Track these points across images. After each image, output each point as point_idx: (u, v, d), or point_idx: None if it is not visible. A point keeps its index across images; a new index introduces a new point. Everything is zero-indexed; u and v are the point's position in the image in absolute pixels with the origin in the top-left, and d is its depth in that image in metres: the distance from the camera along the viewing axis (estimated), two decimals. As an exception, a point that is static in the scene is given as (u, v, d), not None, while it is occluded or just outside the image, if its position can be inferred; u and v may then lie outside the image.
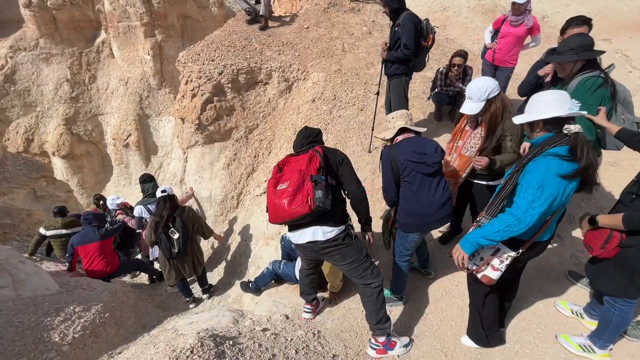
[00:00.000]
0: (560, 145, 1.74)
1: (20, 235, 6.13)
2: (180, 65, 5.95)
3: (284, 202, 2.00)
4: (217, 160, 5.96)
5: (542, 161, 1.75)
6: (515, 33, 4.27)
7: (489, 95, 2.29)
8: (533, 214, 1.74)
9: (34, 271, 3.42)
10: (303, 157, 2.15)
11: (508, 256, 1.93)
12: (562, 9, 14.63)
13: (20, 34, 15.03)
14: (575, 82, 2.39)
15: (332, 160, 2.21)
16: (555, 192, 1.73)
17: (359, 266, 2.22)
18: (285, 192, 2.02)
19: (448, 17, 12.76)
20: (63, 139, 14.89)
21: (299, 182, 2.00)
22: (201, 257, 4.29)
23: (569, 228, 3.51)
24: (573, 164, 1.72)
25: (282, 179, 2.12)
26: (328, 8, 7.48)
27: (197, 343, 1.91)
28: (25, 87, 15.08)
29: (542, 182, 1.73)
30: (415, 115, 5.10)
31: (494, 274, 1.99)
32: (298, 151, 2.30)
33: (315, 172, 2.03)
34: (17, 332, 2.52)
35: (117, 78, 15.73)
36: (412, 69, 3.93)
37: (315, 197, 1.95)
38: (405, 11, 3.68)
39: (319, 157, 2.10)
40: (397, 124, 2.49)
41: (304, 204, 1.96)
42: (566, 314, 2.65)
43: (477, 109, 2.34)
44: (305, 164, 2.08)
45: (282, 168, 2.19)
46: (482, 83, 2.31)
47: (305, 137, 2.35)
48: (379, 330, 2.27)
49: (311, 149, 2.18)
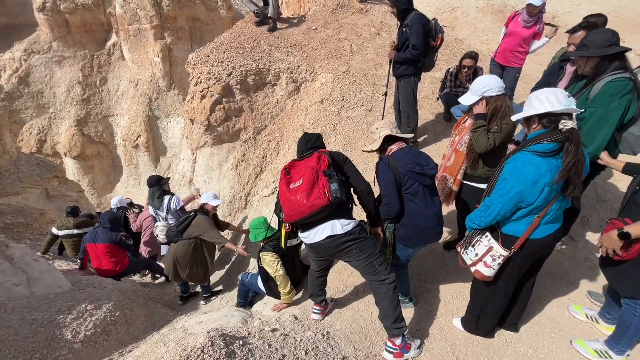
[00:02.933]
0: (544, 142, 1.78)
1: (33, 234, 6.25)
2: (190, 67, 6.02)
3: (301, 197, 2.03)
4: (225, 160, 6.00)
5: (517, 155, 1.85)
6: (522, 33, 4.20)
7: (485, 92, 2.32)
8: (496, 204, 1.88)
9: (47, 269, 3.48)
10: (310, 158, 2.19)
11: (500, 255, 1.98)
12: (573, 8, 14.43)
13: (34, 37, 15.40)
14: (602, 83, 2.24)
15: (337, 159, 2.26)
16: (518, 185, 1.80)
17: (374, 261, 2.22)
18: (300, 188, 2.05)
19: (456, 17, 12.68)
20: (75, 140, 15.19)
21: (313, 178, 2.04)
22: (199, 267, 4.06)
23: (583, 231, 3.44)
24: (549, 160, 1.76)
25: (293, 178, 2.15)
26: (336, 9, 7.49)
27: (207, 342, 1.92)
28: (38, 89, 15.44)
29: (507, 175, 1.85)
30: (424, 116, 5.07)
31: (487, 271, 2.05)
32: (301, 156, 2.33)
33: (326, 167, 2.09)
34: (31, 329, 2.56)
35: (127, 80, 15.99)
36: (421, 70, 3.91)
37: (332, 189, 2.01)
38: (413, 11, 3.66)
39: (326, 156, 2.16)
40: (382, 134, 2.39)
41: (322, 196, 2.00)
42: (580, 318, 2.59)
43: (469, 101, 2.42)
44: (315, 161, 2.13)
45: (289, 171, 2.21)
46: (483, 79, 2.38)
47: (305, 142, 2.38)
48: (396, 330, 2.22)
49: (315, 152, 2.23)
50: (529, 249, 1.99)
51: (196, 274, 4.06)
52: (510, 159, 1.88)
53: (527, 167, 1.78)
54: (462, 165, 2.60)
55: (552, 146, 1.76)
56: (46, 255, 5.15)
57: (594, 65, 2.27)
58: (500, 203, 1.86)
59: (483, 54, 6.68)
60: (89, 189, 15.56)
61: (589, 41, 2.25)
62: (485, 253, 2.01)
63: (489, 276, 2.06)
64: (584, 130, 2.30)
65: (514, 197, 1.82)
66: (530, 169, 1.77)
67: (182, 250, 3.89)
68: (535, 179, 1.77)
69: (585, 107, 2.29)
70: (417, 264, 3.26)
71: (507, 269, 2.06)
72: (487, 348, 2.39)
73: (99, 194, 15.97)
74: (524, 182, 1.79)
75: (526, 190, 1.80)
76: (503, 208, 1.87)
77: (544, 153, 1.77)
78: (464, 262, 2.16)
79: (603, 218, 3.53)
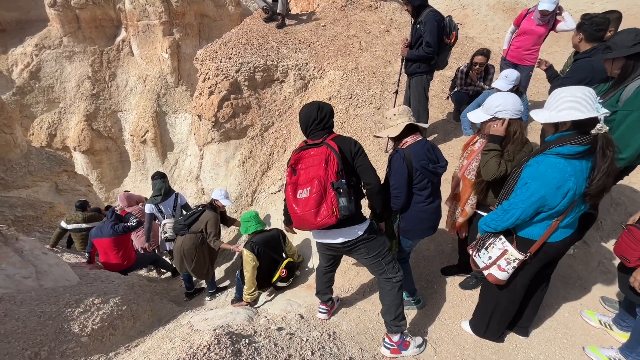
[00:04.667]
0: (570, 144, 1.68)
1: (42, 227, 6.32)
2: (198, 63, 6.01)
3: (308, 214, 1.93)
4: (232, 157, 6.00)
5: (539, 157, 1.75)
6: (538, 31, 4.11)
7: (497, 112, 2.09)
8: (516, 208, 1.80)
9: (56, 262, 3.50)
10: (317, 156, 1.96)
11: (515, 258, 1.92)
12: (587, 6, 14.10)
13: (45, 32, 15.56)
14: (636, 84, 2.13)
15: (348, 153, 2.04)
16: (542, 190, 1.72)
17: (382, 260, 2.21)
18: (308, 203, 1.92)
19: (467, 15, 12.51)
20: (84, 135, 15.36)
21: (320, 192, 1.89)
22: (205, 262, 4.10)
23: (596, 235, 3.36)
24: (573, 163, 1.68)
25: (299, 183, 1.99)
26: (345, 6, 7.42)
27: (213, 340, 1.90)
28: (49, 84, 15.62)
29: (529, 179, 1.75)
30: (433, 115, 5.00)
31: (501, 275, 1.99)
32: (309, 144, 2.07)
33: (335, 177, 1.91)
34: (39, 322, 2.58)
35: (135, 76, 16.10)
36: (434, 68, 3.84)
37: (340, 205, 1.90)
38: (428, 8, 3.59)
39: (336, 159, 1.93)
40: (400, 121, 2.28)
41: (330, 216, 1.90)
42: (593, 324, 2.53)
43: (479, 119, 2.20)
44: (322, 168, 1.91)
45: (295, 169, 2.03)
46: (500, 97, 2.10)
47: (318, 119, 2.09)
48: (395, 327, 2.24)
49: (324, 145, 1.98)
50: (545, 252, 1.94)
51: (201, 268, 4.08)
52: (531, 162, 1.79)
53: (552, 171, 1.70)
54: (470, 195, 2.38)
55: (582, 149, 1.67)
56: (55, 249, 5.21)
57: (621, 66, 2.18)
58: (521, 208, 1.79)
59: (494, 52, 6.56)
60: (97, 183, 15.74)
61: (613, 43, 2.18)
62: (499, 256, 1.95)
63: (503, 280, 2.00)
64: (616, 134, 2.18)
65: (536, 201, 1.75)
66: (555, 173, 1.69)
67: (188, 243, 3.92)
68: (559, 183, 1.70)
69: (616, 109, 2.19)
70: (425, 265, 3.22)
71: (521, 273, 2.01)
72: (497, 352, 2.34)
73: (107, 189, 16.14)
74: (547, 186, 1.71)
75: (549, 195, 1.72)
76: (524, 213, 1.80)
77: (571, 155, 1.68)
78: (477, 265, 2.10)
79: (617, 222, 3.45)
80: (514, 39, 4.34)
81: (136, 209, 5.19)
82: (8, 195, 7.08)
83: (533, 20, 4.13)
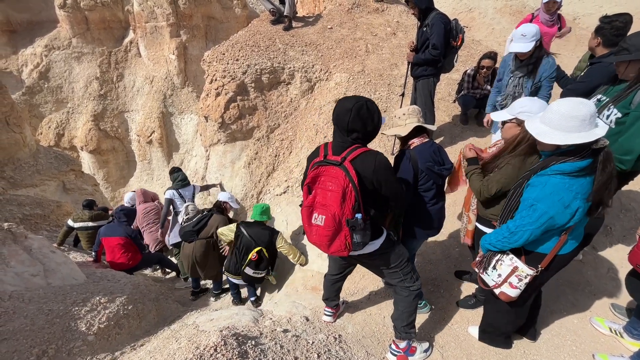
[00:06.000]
0: (572, 160, 1.62)
1: (50, 226, 6.39)
2: (206, 65, 6.05)
3: (320, 243, 1.90)
4: (238, 158, 6.02)
5: (542, 178, 1.68)
6: (550, 32, 4.12)
7: (520, 113, 2.03)
8: (524, 231, 1.74)
9: (63, 261, 3.53)
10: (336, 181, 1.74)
11: (527, 274, 1.87)
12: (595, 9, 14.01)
13: (55, 33, 15.77)
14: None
15: (368, 175, 1.79)
16: (550, 211, 1.66)
17: (399, 271, 2.15)
18: (321, 233, 1.84)
19: (473, 18, 12.47)
20: (91, 135, 15.51)
21: (334, 228, 1.79)
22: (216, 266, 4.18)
23: (606, 240, 3.31)
24: (579, 180, 1.62)
25: (315, 206, 1.85)
26: (352, 9, 7.43)
27: (220, 341, 1.90)
28: (57, 84, 15.82)
29: (535, 200, 1.69)
30: (440, 118, 4.98)
31: (513, 292, 1.94)
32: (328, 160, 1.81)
33: (351, 213, 1.75)
34: (47, 320, 2.60)
35: (142, 77, 16.24)
36: (440, 71, 3.84)
37: (354, 241, 1.83)
38: (434, 11, 3.60)
39: (353, 193, 1.72)
40: (409, 122, 2.24)
41: (342, 250, 1.85)
42: (603, 331, 2.49)
43: (500, 117, 2.17)
44: (338, 203, 1.73)
45: (312, 188, 1.85)
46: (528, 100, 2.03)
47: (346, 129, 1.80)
48: (405, 334, 2.21)
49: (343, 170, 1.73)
50: (557, 264, 1.90)
51: (213, 272, 4.12)
52: (534, 182, 1.71)
53: (559, 191, 1.63)
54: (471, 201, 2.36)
55: (584, 164, 1.61)
56: (62, 247, 5.26)
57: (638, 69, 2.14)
58: (529, 230, 1.72)
59: (501, 55, 6.53)
60: (104, 182, 15.87)
61: (629, 44, 2.14)
62: (510, 274, 1.88)
63: (515, 297, 1.95)
64: (625, 136, 2.14)
65: (544, 222, 1.69)
66: (562, 193, 1.63)
67: (200, 250, 3.93)
68: (567, 203, 1.64)
69: (628, 111, 2.16)
70: (431, 269, 3.20)
71: (530, 286, 1.96)
72: (504, 359, 2.32)
73: (113, 188, 16.27)
74: (555, 207, 1.64)
75: (558, 215, 1.66)
76: (532, 234, 1.74)
77: (575, 173, 1.62)
78: (485, 284, 2.03)
79: (627, 228, 3.40)
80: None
81: (152, 205, 5.25)
82: (16, 194, 7.17)
83: (541, 23, 4.12)
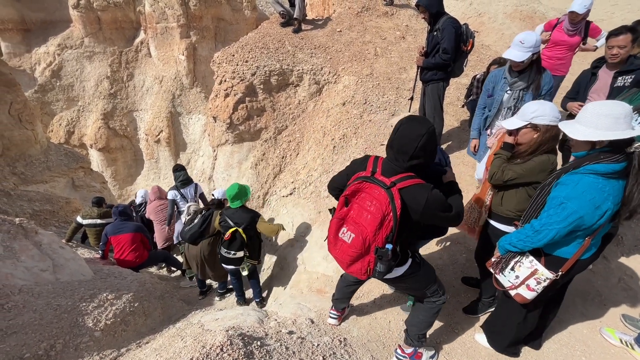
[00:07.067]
0: (606, 162, 1.61)
1: (58, 222, 6.48)
2: (215, 66, 6.11)
3: (341, 260, 1.82)
4: (245, 159, 6.05)
5: (575, 176, 1.67)
6: (570, 42, 4.06)
7: (534, 118, 2.00)
8: (550, 229, 1.70)
9: (72, 257, 3.58)
10: (377, 204, 1.63)
11: (546, 278, 1.84)
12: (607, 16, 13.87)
13: (68, 33, 16.07)
14: None
15: (415, 212, 1.67)
16: (580, 211, 1.63)
17: (426, 290, 2.09)
18: (344, 250, 1.76)
19: (483, 22, 12.42)
20: (100, 133, 15.74)
21: (361, 251, 1.70)
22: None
23: (617, 250, 3.26)
24: (611, 182, 1.61)
25: (346, 219, 1.76)
26: (361, 12, 7.45)
27: (226, 341, 1.91)
28: (69, 82, 16.09)
29: (566, 199, 1.66)
30: (448, 123, 4.95)
31: (529, 294, 1.91)
32: (375, 178, 1.69)
33: (382, 242, 1.66)
34: (55, 315, 2.63)
35: (152, 76, 16.45)
36: (450, 75, 3.81)
37: (376, 269, 1.74)
38: (445, 15, 3.58)
39: (392, 223, 1.62)
40: None
41: (362, 273, 1.77)
42: (614, 342, 2.44)
43: (513, 125, 2.10)
44: (373, 227, 1.63)
45: (349, 200, 1.75)
46: (536, 104, 2.03)
47: (411, 155, 1.66)
48: (417, 342, 2.19)
49: (388, 195, 1.62)
50: (576, 270, 1.88)
51: (221, 271, 4.11)
52: (565, 180, 1.70)
53: (591, 191, 1.61)
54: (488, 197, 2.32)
55: (618, 166, 1.60)
56: (70, 243, 5.32)
57: None
58: (556, 229, 1.69)
59: (512, 61, 6.48)
60: (112, 180, 16.07)
61: None
62: (528, 276, 1.86)
63: (531, 299, 1.92)
64: None
65: (573, 222, 1.66)
66: (594, 193, 1.61)
67: (207, 249, 3.94)
68: (598, 203, 1.62)
69: None
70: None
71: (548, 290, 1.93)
72: (512, 367, 2.28)
73: (121, 186, 16.47)
74: (586, 207, 1.62)
75: (588, 215, 1.64)
76: (558, 234, 1.71)
77: (608, 175, 1.61)
78: (501, 285, 2.01)
79: (639, 237, 3.34)
80: (545, 49, 4.27)
81: (166, 202, 5.31)
82: (27, 190, 7.29)
83: (563, 30, 4.08)
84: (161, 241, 5.33)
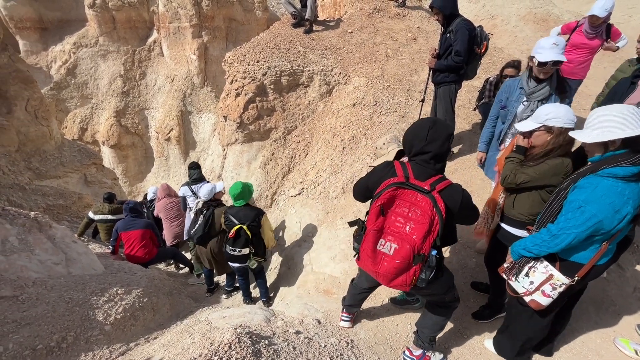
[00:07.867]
0: (624, 164, 1.57)
1: (71, 217, 6.61)
2: (227, 65, 6.16)
3: (382, 275, 1.72)
4: (254, 158, 6.08)
5: (593, 179, 1.63)
6: (591, 45, 3.99)
7: (547, 120, 1.98)
8: (568, 234, 1.67)
9: (84, 251, 3.64)
10: (422, 211, 1.59)
11: (562, 284, 1.79)
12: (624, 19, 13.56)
13: (84, 31, 16.41)
14: None
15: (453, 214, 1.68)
16: (600, 215, 1.60)
17: (445, 296, 2.05)
18: (386, 264, 1.67)
19: (496, 25, 12.27)
20: (112, 130, 16.01)
21: (409, 260, 1.62)
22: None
23: (632, 258, 3.18)
24: (631, 185, 1.58)
25: (385, 231, 1.68)
26: (373, 13, 7.44)
27: (234, 339, 1.92)
28: (83, 80, 16.42)
29: (584, 202, 1.62)
30: (459, 126, 4.91)
31: (544, 300, 1.86)
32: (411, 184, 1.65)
33: (429, 247, 1.61)
34: (67, 308, 2.68)
35: (164, 75, 16.68)
36: (463, 77, 3.78)
37: (420, 278, 1.68)
38: (459, 17, 3.55)
39: (439, 226, 1.58)
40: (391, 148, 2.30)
41: (405, 285, 1.70)
42: (628, 353, 2.38)
43: (527, 127, 2.07)
44: (422, 234, 1.58)
45: (385, 209, 1.67)
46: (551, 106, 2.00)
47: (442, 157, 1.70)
48: (427, 344, 2.18)
49: (430, 199, 1.58)
50: (591, 275, 1.84)
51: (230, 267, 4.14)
52: (583, 184, 1.66)
53: (610, 194, 1.58)
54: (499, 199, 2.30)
55: (637, 169, 1.57)
56: (82, 238, 5.42)
57: None
58: (574, 233, 1.65)
59: (523, 64, 6.39)
60: (122, 177, 16.33)
61: None
62: (544, 282, 1.82)
63: (545, 305, 1.88)
64: None
65: (592, 226, 1.62)
66: (614, 197, 1.58)
67: (217, 245, 3.98)
68: (618, 207, 1.58)
69: None
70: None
71: (563, 295, 1.89)
72: (522, 375, 2.24)
73: (131, 183, 16.72)
74: (606, 210, 1.59)
75: (607, 219, 1.60)
76: (576, 238, 1.67)
77: (628, 178, 1.57)
78: (514, 291, 1.96)
79: (656, 246, 3.25)
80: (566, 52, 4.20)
81: (175, 200, 5.38)
82: (41, 184, 7.45)
83: (583, 33, 4.01)
84: (170, 238, 5.40)
